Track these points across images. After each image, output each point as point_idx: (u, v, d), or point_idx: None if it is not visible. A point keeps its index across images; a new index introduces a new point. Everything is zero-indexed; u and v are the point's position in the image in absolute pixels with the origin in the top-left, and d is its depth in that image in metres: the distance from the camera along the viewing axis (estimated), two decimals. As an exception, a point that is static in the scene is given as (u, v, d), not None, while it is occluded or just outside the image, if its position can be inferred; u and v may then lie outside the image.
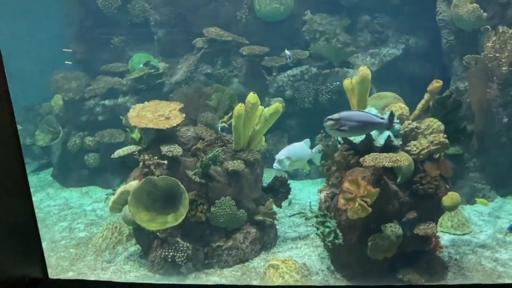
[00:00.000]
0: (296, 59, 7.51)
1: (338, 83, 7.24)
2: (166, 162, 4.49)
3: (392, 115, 3.81)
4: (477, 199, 5.89)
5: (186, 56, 7.72)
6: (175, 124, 4.55)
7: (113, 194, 4.90)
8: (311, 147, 4.61)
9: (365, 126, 3.75)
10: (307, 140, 4.08)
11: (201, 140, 4.68)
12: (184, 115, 4.66)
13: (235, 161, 4.73)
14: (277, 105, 4.83)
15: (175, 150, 4.51)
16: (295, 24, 7.84)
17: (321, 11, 7.80)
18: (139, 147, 4.77)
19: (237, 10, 7.78)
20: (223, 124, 5.03)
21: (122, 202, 4.68)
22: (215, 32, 7.34)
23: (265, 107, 4.88)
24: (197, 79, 7.41)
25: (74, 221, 6.21)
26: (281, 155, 3.99)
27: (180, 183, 4.33)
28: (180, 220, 4.31)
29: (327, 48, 7.57)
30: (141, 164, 4.55)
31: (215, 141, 4.77)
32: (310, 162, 4.81)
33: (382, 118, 3.75)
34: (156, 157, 4.49)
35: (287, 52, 6.30)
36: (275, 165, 3.98)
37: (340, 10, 7.86)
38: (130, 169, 5.01)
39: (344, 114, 3.71)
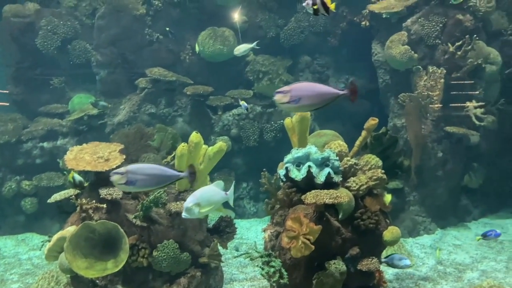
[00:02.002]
0: (241, 98, 7.62)
1: (282, 121, 7.38)
2: (105, 205, 4.32)
3: (192, 167, 3.55)
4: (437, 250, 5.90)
5: (129, 96, 7.65)
6: (114, 166, 4.40)
7: (49, 241, 4.63)
8: (257, 186, 4.53)
9: (158, 179, 3.43)
10: (220, 182, 3.82)
11: (142, 182, 4.55)
12: (124, 156, 4.53)
13: (178, 202, 4.62)
14: (220, 144, 4.82)
15: (115, 193, 4.35)
16: (239, 65, 8.00)
17: (263, 52, 8.02)
18: (77, 191, 4.57)
19: (180, 50, 7.85)
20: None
21: (58, 249, 4.42)
22: (159, 72, 7.34)
23: (211, 146, 4.85)
24: (141, 119, 7.33)
25: (7, 271, 5.80)
26: (189, 202, 3.50)
27: (120, 227, 4.15)
28: (120, 266, 4.11)
29: (270, 88, 7.74)
30: (78, 208, 4.35)
31: (157, 182, 4.65)
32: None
33: (181, 171, 3.49)
34: (94, 201, 4.32)
35: (244, 103, 6.38)
36: (184, 214, 3.54)
37: (282, 51, 8.11)
38: (68, 214, 4.78)
39: (132, 167, 3.39)
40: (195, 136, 4.55)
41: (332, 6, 3.47)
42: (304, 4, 3.48)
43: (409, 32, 6.63)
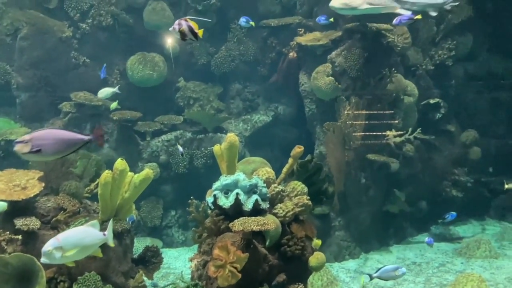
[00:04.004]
0: (171, 124, 7.57)
1: (212, 147, 7.37)
2: (20, 237, 4.07)
3: (99, 129, 3.48)
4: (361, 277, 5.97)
5: (52, 121, 7.33)
6: (32, 195, 4.18)
7: (-45, 277, 4.25)
8: (186, 214, 4.40)
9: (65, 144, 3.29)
10: (95, 222, 3.65)
11: (62, 211, 4.34)
12: (43, 184, 4.32)
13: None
14: (147, 171, 4.71)
15: (32, 223, 4.11)
16: (169, 90, 7.97)
17: (195, 78, 8.05)
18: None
19: (108, 74, 7.68)
20: None
21: (-35, 286, 4.08)
22: (84, 97, 7.12)
23: (138, 173, 4.73)
24: (64, 145, 7.01)
25: None
26: (48, 246, 3.22)
27: (36, 260, 3.90)
28: (35, 302, 3.86)
29: (201, 114, 7.75)
30: (-10, 241, 4.05)
31: (79, 212, 4.46)
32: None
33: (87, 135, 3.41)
34: (8, 232, 4.04)
35: (179, 147, 6.31)
36: (43, 259, 3.26)
37: (213, 78, 8.19)
38: (-22, 247, 4.43)
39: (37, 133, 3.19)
40: (120, 163, 4.43)
41: (200, 32, 3.54)
42: (170, 29, 3.52)
43: (333, 64, 6.94)
